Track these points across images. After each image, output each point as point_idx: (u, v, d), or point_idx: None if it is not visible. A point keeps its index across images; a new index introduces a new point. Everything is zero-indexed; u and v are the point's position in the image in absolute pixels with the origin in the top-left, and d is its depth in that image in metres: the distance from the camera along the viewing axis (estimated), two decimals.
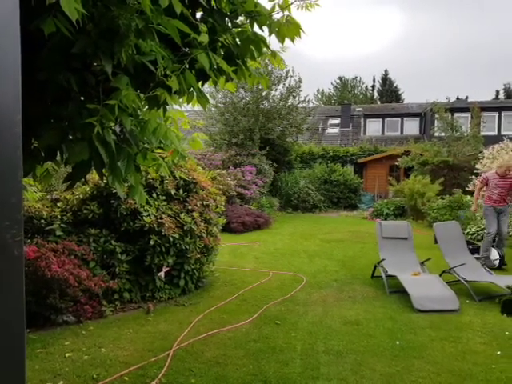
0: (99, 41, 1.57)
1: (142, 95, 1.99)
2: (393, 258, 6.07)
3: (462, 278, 5.51)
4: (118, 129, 2.19)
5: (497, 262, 6.86)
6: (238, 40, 2.30)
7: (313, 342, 3.91)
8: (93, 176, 5.02)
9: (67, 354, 3.56)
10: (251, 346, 3.80)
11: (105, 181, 4.84)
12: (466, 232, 9.78)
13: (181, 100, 2.30)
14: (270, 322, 4.42)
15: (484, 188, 7.26)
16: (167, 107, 2.38)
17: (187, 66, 2.01)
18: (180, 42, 1.80)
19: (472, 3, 58.60)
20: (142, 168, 3.61)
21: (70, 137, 1.96)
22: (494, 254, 6.92)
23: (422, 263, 6.13)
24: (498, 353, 3.67)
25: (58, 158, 2.11)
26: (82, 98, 1.96)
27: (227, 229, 10.13)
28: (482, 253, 6.95)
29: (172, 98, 2.07)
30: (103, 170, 2.11)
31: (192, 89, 2.20)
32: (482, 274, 5.78)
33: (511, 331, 4.07)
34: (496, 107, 21.08)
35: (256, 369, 3.36)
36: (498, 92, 38.73)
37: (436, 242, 6.28)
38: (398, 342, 3.91)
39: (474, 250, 7.17)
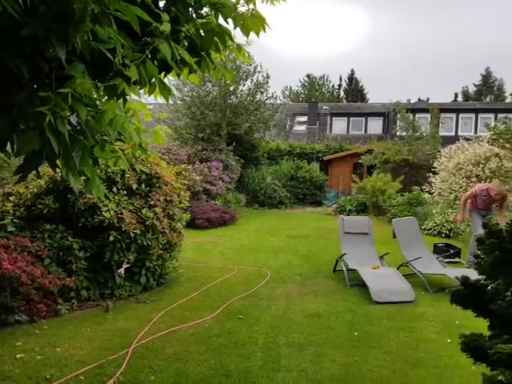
0: (52, 25, 1.50)
1: (100, 85, 1.93)
2: (354, 252, 6.24)
3: (418, 271, 5.76)
4: (75, 119, 2.12)
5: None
6: (201, 31, 2.27)
7: (275, 336, 3.96)
8: (48, 169, 4.83)
9: (18, 355, 3.42)
10: (213, 342, 3.80)
11: (60, 174, 4.67)
12: (423, 227, 10.19)
13: (142, 91, 2.25)
14: (233, 317, 4.44)
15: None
16: (129, 98, 2.32)
17: (149, 56, 1.96)
18: (139, 30, 1.76)
19: (434, 3, 60.66)
20: (101, 161, 3.52)
21: (22, 126, 1.88)
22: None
23: (381, 257, 6.34)
24: (449, 341, 3.86)
25: (9, 148, 2.01)
26: (34, 86, 1.88)
27: (192, 225, 10.05)
28: (469, 256, 6.67)
29: (131, 88, 2.02)
30: (57, 162, 2.04)
31: (154, 80, 2.16)
32: (436, 267, 6.05)
33: (461, 320, 4.27)
34: (454, 109, 22.04)
35: (217, 363, 3.36)
36: (456, 94, 40.50)
37: (394, 236, 6.51)
38: (356, 333, 4.03)
39: (457, 253, 7.21)
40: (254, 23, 2.24)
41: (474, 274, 2.04)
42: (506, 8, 55.69)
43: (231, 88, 15.43)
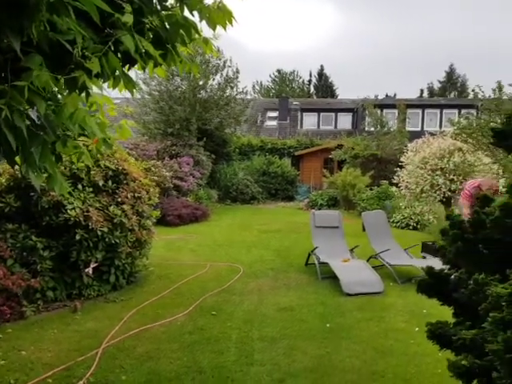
0: (3, 13, 1.42)
1: (58, 77, 1.85)
2: (325, 245, 6.33)
3: (387, 262, 5.90)
4: (34, 114, 2.02)
5: None
6: (166, 24, 2.22)
7: (248, 330, 3.97)
8: (8, 166, 4.63)
9: None
10: (186, 339, 3.77)
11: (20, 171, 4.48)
12: (391, 220, 10.47)
13: (106, 85, 2.18)
14: (206, 314, 4.41)
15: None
16: (93, 92, 2.24)
17: (112, 48, 1.90)
18: (99, 21, 1.69)
19: (399, 1, 61.91)
20: (65, 157, 3.39)
21: None
22: None
23: (352, 250, 6.47)
24: (416, 329, 3.98)
25: None
26: None
27: (163, 222, 9.91)
28: None
29: (93, 81, 1.95)
30: (16, 159, 1.95)
31: (117, 73, 2.10)
32: (404, 258, 6.22)
33: (428, 309, 4.41)
34: (420, 105, 22.68)
35: (190, 360, 3.34)
36: (422, 91, 41.69)
37: (364, 229, 6.65)
38: (328, 325, 4.10)
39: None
40: (220, 16, 2.21)
41: (439, 265, 2.10)
42: (468, 6, 57.70)
43: (200, 82, 15.24)
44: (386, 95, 26.41)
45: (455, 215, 1.95)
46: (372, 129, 17.54)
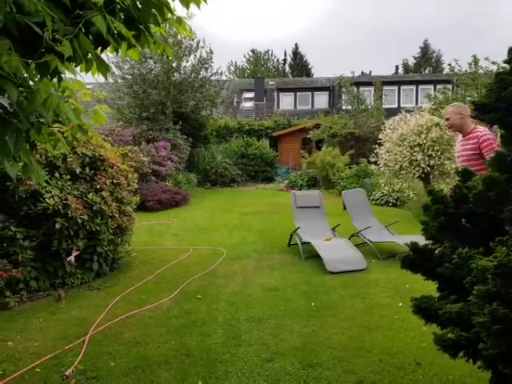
0: None
1: (29, 62, 1.76)
2: (307, 225, 6.40)
3: (368, 240, 6.02)
4: (6, 101, 1.93)
5: None
6: (138, 3, 2.13)
7: (234, 312, 4.00)
8: None
9: None
10: (173, 323, 3.77)
11: None
12: (371, 198, 10.65)
13: (78, 69, 2.10)
14: (191, 297, 4.42)
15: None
16: (65, 77, 2.15)
17: (83, 30, 1.82)
18: (69, 2, 1.61)
19: None
20: (40, 145, 3.28)
21: None
22: None
23: (333, 229, 6.56)
24: (400, 304, 4.08)
25: None
26: None
27: (143, 207, 9.81)
28: None
29: (65, 65, 1.87)
30: None
31: (90, 56, 2.02)
32: (385, 235, 6.35)
33: (411, 284, 4.52)
34: (396, 81, 22.86)
35: (178, 344, 3.35)
36: (397, 67, 41.98)
37: (345, 208, 6.73)
38: (313, 304, 4.17)
39: None
40: None
41: (422, 240, 2.15)
42: None
43: (174, 64, 14.91)
44: (362, 73, 26.41)
45: (437, 190, 1.99)
46: (349, 107, 17.62)
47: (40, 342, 3.40)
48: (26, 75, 1.99)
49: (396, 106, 20.95)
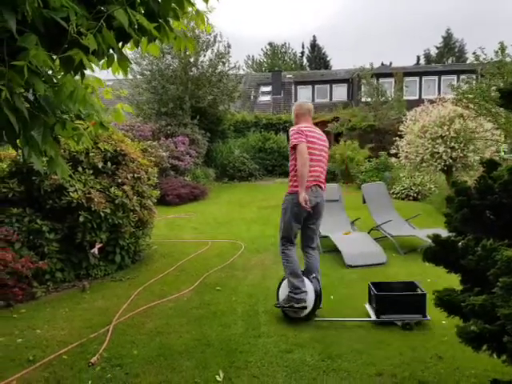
0: None
1: (56, 56, 1.81)
2: (325, 219, 6.30)
3: (389, 233, 5.95)
4: (31, 96, 1.99)
5: None
6: None
7: (253, 304, 4.03)
8: (10, 152, 4.61)
9: None
10: (193, 313, 3.84)
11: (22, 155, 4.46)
12: (391, 191, 10.50)
13: (100, 64, 2.14)
14: (211, 289, 4.48)
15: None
16: (86, 75, 2.20)
17: (104, 25, 1.85)
18: None
19: None
20: (62, 140, 3.36)
21: None
22: None
23: (352, 222, 6.51)
24: None
25: None
26: None
27: (163, 201, 9.93)
28: None
29: (90, 58, 1.91)
30: (17, 142, 1.93)
31: (112, 51, 2.05)
32: (405, 229, 6.27)
33: (432, 278, 4.46)
34: (417, 72, 22.35)
35: (199, 334, 3.40)
36: (418, 58, 41.01)
37: (364, 202, 6.66)
38: (332, 297, 4.17)
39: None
40: None
41: (444, 234, 2.12)
42: None
43: (191, 59, 14.94)
44: (382, 64, 25.96)
45: (460, 182, 1.96)
46: (369, 99, 17.32)
47: (66, 331, 3.52)
48: (49, 72, 2.04)
49: (417, 97, 20.50)
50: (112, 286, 4.65)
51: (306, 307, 3.58)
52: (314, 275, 3.88)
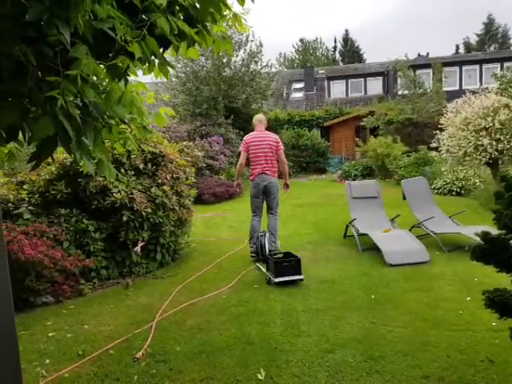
0: (53, 6, 1.46)
1: (101, 65, 1.89)
2: (363, 216, 6.26)
3: (431, 231, 5.75)
4: (79, 103, 2.08)
5: None
6: (196, 2, 2.20)
7: (291, 302, 4.03)
8: (57, 155, 4.85)
9: (50, 334, 3.54)
10: (232, 311, 3.88)
11: (70, 159, 4.69)
12: (432, 187, 10.17)
13: (140, 72, 2.21)
14: (249, 287, 4.52)
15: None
16: (129, 80, 2.28)
17: (146, 32, 1.92)
18: (139, 4, 1.71)
19: None
20: (107, 143, 3.50)
21: (31, 115, 1.86)
22: None
23: (392, 220, 6.35)
24: (468, 298, 3.89)
25: (21, 137, 2.00)
26: (39, 72, 1.84)
27: (199, 200, 10.11)
28: None
29: (135, 63, 1.98)
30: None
31: (154, 57, 2.12)
32: (449, 225, 6.04)
33: (480, 277, 4.30)
34: (456, 62, 21.49)
35: (239, 332, 3.44)
36: (457, 46, 39.43)
37: (404, 198, 6.48)
38: (373, 296, 4.09)
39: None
40: None
41: (492, 231, 2.04)
42: None
43: (224, 60, 15.09)
44: (418, 55, 25.08)
45: (511, 176, 1.88)
46: (406, 92, 16.81)
47: (112, 326, 3.66)
48: (95, 78, 2.14)
49: (458, 87, 19.73)
50: (154, 283, 4.79)
51: (253, 253, 5.57)
52: (263, 233, 5.69)
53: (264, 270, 4.92)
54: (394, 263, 4.99)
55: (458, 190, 10.10)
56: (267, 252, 5.32)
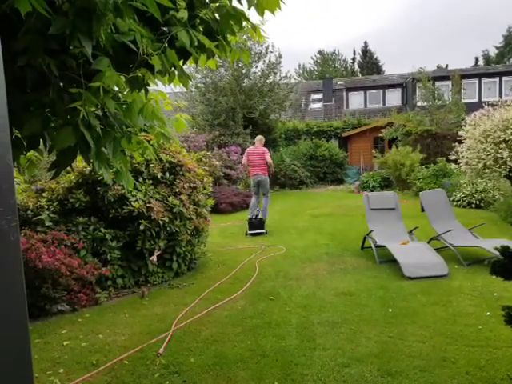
0: (76, 20, 1.50)
1: (122, 77, 1.94)
2: (381, 228, 6.17)
3: (450, 244, 5.63)
4: (99, 113, 2.13)
5: None
6: (217, 15, 2.24)
7: (307, 315, 3.98)
8: (77, 164, 4.93)
9: (65, 342, 3.56)
10: (247, 323, 3.85)
11: (89, 168, 4.77)
12: (451, 199, 9.99)
13: (162, 80, 2.25)
14: (265, 299, 4.48)
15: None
16: (149, 89, 2.33)
17: (167, 45, 1.96)
18: (160, 18, 1.75)
19: None
20: (126, 152, 3.56)
21: (52, 124, 1.91)
22: None
23: (411, 232, 6.25)
24: (488, 313, 3.78)
25: (41, 146, 2.06)
26: (61, 84, 1.89)
27: (216, 210, 10.14)
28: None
29: (155, 76, 2.02)
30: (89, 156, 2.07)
31: (173, 68, 2.16)
32: (469, 239, 5.91)
33: (499, 292, 4.18)
34: (476, 74, 21.23)
35: (254, 344, 3.41)
36: (477, 59, 38.98)
37: (423, 210, 6.37)
38: (390, 310, 4.01)
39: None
40: (268, 1, 2.19)
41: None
42: None
43: (243, 71, 15.26)
44: (437, 67, 24.88)
45: None
46: (425, 103, 16.65)
47: (127, 336, 3.66)
48: (116, 88, 2.18)
49: (477, 100, 19.44)
50: (169, 293, 4.80)
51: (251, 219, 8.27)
52: (258, 209, 8.55)
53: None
54: (413, 276, 4.89)
55: (478, 202, 9.89)
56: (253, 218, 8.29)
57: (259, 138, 9.00)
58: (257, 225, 8.07)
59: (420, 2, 59.78)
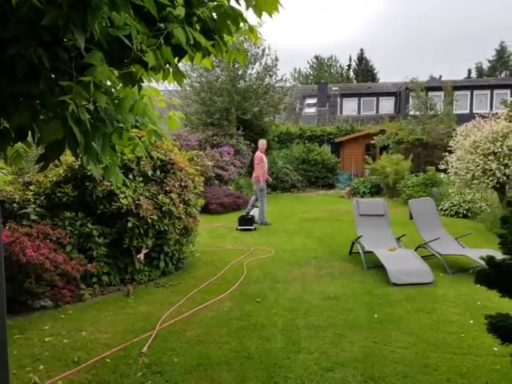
0: (71, 12, 1.48)
1: (115, 72, 1.92)
2: (370, 234, 6.21)
3: (437, 252, 5.70)
4: (90, 107, 2.11)
5: None
6: (214, 14, 2.23)
7: (293, 318, 3.99)
8: (66, 158, 4.88)
9: (46, 339, 3.51)
10: (233, 324, 3.85)
11: (78, 162, 4.72)
12: (439, 208, 10.09)
13: (156, 77, 2.24)
14: (251, 300, 4.48)
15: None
16: (142, 85, 2.31)
17: (162, 42, 1.94)
18: (157, 14, 1.74)
19: None
20: (117, 148, 3.53)
21: (41, 116, 1.88)
22: None
23: (398, 239, 6.30)
24: (471, 322, 3.83)
25: (30, 138, 2.02)
26: (52, 75, 1.87)
27: (206, 210, 10.09)
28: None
29: (149, 73, 2.00)
30: (77, 151, 2.04)
31: (168, 65, 2.14)
32: (455, 247, 5.98)
33: (482, 301, 4.24)
34: (468, 86, 21.52)
35: (238, 346, 3.40)
36: (469, 71, 39.55)
37: (411, 217, 6.43)
38: (375, 315, 4.03)
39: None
40: (266, 3, 2.20)
41: (497, 255, 2.00)
42: None
43: (240, 72, 15.25)
44: (431, 77, 25.16)
45: None
46: (417, 113, 16.81)
47: (110, 334, 3.62)
48: (108, 83, 2.16)
49: (468, 111, 19.70)
50: (155, 292, 4.76)
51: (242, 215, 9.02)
52: (251, 208, 9.57)
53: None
54: (399, 283, 4.93)
55: (465, 212, 10.02)
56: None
57: (259, 143, 9.55)
58: (245, 221, 8.80)
59: (418, 13, 60.41)
